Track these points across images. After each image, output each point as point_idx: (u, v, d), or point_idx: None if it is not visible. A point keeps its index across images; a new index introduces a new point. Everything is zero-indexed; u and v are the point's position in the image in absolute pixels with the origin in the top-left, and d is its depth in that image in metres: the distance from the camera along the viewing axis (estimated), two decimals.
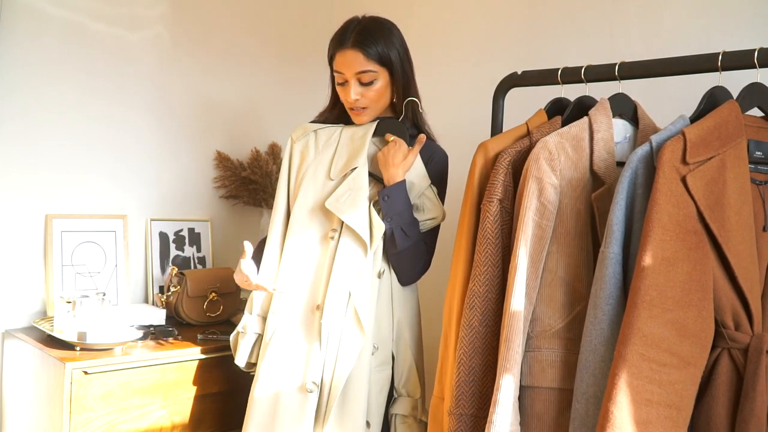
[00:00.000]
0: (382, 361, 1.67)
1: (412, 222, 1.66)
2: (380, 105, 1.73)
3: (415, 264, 1.70)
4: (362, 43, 1.65)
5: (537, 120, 1.54)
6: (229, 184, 2.49)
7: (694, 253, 1.17)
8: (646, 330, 1.14)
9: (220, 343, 1.92)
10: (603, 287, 1.24)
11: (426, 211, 1.71)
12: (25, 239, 2.07)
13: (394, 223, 1.64)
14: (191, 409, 1.87)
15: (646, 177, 1.25)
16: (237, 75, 2.55)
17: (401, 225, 1.64)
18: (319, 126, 1.79)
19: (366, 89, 1.68)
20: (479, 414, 1.40)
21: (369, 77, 1.66)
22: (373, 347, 1.65)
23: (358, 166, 1.67)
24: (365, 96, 1.68)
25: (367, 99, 1.69)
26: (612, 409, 1.12)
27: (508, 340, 1.31)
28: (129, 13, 2.26)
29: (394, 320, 1.70)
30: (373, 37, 1.66)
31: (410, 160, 1.68)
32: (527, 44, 2.18)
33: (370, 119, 1.74)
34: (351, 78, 1.67)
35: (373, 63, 1.66)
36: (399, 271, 1.70)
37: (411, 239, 1.66)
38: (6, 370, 2.01)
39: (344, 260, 1.63)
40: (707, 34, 1.77)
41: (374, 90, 1.68)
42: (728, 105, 1.26)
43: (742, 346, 1.19)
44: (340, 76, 1.69)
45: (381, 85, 1.69)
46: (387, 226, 1.64)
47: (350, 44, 1.65)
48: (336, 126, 1.78)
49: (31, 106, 2.07)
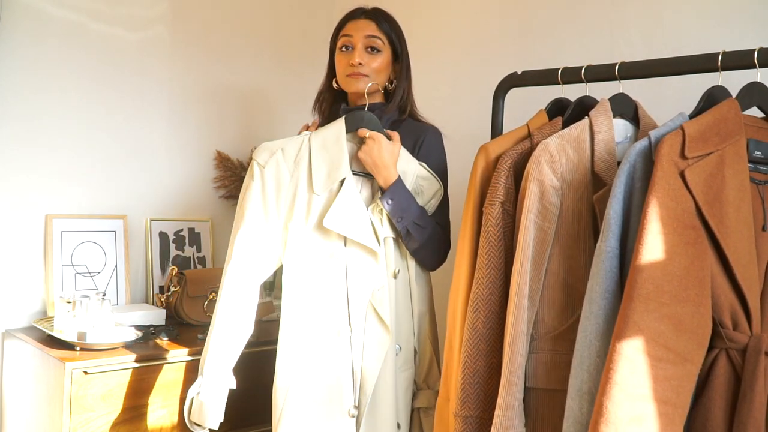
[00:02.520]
0: (405, 360, 1.66)
1: (421, 212, 1.64)
2: (379, 80, 1.73)
3: (439, 248, 1.70)
4: (376, 16, 1.74)
5: (538, 121, 1.54)
6: (229, 184, 2.49)
7: (691, 248, 1.16)
8: (642, 324, 1.12)
9: None
10: (599, 281, 1.23)
11: (425, 192, 1.69)
12: (25, 239, 2.07)
13: (406, 221, 1.61)
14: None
15: (645, 171, 1.24)
16: (237, 75, 2.55)
17: (413, 220, 1.62)
18: (282, 142, 1.65)
19: (371, 58, 1.71)
20: (484, 416, 1.40)
21: (377, 44, 1.71)
22: (397, 348, 1.63)
23: (345, 176, 1.60)
24: (368, 64, 1.71)
25: (369, 68, 1.71)
26: (606, 403, 1.10)
27: (512, 343, 1.31)
28: (129, 14, 2.26)
29: (414, 315, 1.68)
30: (386, 17, 1.76)
31: (396, 151, 1.63)
32: (527, 44, 2.18)
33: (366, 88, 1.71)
34: (358, 42, 1.70)
35: (383, 35, 1.73)
36: (424, 261, 1.69)
37: (427, 228, 1.64)
38: (6, 370, 2.01)
39: (358, 275, 1.59)
40: (707, 34, 1.77)
41: (378, 60, 1.72)
42: (728, 102, 1.26)
43: (740, 347, 1.18)
44: (347, 39, 1.72)
45: (384, 60, 1.73)
46: (401, 225, 1.61)
47: (364, 15, 1.74)
48: (299, 136, 1.69)
49: (31, 106, 2.07)
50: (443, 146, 1.78)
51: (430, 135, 1.75)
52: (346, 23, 1.75)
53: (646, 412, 1.11)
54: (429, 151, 1.73)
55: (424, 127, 1.77)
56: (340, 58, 1.74)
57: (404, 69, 1.77)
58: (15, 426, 1.93)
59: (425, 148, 1.73)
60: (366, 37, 1.71)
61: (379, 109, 1.74)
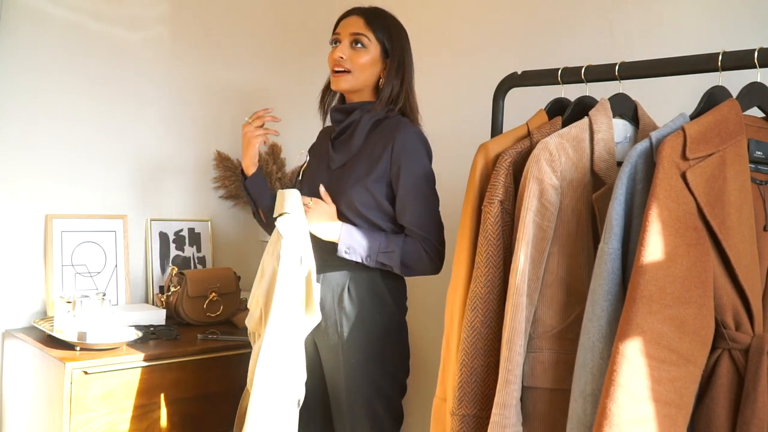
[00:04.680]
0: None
1: (381, 241, 1.66)
2: (363, 77, 1.74)
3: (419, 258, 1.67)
4: (367, 14, 1.75)
5: (537, 120, 1.54)
6: (229, 184, 2.49)
7: (693, 250, 1.16)
8: (645, 326, 1.12)
9: (220, 343, 1.92)
10: (602, 283, 1.23)
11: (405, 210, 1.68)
12: (25, 239, 2.07)
13: (374, 257, 1.66)
14: (191, 409, 1.87)
15: (646, 172, 1.24)
16: (237, 75, 2.55)
17: (379, 251, 1.66)
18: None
19: (355, 53, 1.72)
20: (481, 415, 1.40)
21: (362, 40, 1.72)
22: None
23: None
24: (351, 59, 1.72)
25: (351, 63, 1.72)
26: (610, 405, 1.11)
27: (510, 341, 1.31)
28: (129, 14, 2.26)
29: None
30: (379, 16, 1.76)
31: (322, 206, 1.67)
32: (527, 44, 2.17)
33: (349, 87, 1.73)
34: (345, 38, 1.73)
35: (370, 32, 1.73)
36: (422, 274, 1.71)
37: (395, 251, 1.66)
38: (6, 370, 2.01)
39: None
40: (707, 34, 1.77)
41: (362, 56, 1.72)
42: (728, 103, 1.26)
43: (742, 347, 1.18)
44: (336, 36, 1.76)
45: (370, 57, 1.73)
46: (372, 263, 1.66)
47: (356, 12, 1.76)
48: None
49: (32, 106, 2.07)
50: (420, 146, 1.71)
51: (401, 138, 1.68)
52: (340, 21, 1.78)
53: (649, 414, 1.11)
54: (405, 155, 1.67)
55: (399, 128, 1.70)
56: (329, 54, 1.77)
57: (395, 67, 1.75)
58: (15, 426, 1.93)
59: (399, 154, 1.67)
60: (352, 33, 1.73)
61: (360, 108, 1.75)
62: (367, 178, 1.68)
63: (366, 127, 1.74)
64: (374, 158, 1.69)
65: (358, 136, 1.74)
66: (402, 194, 1.67)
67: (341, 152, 1.77)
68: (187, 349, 1.86)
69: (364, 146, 1.74)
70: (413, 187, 1.67)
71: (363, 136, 1.74)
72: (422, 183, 1.69)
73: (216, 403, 1.92)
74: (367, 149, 1.73)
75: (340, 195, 1.71)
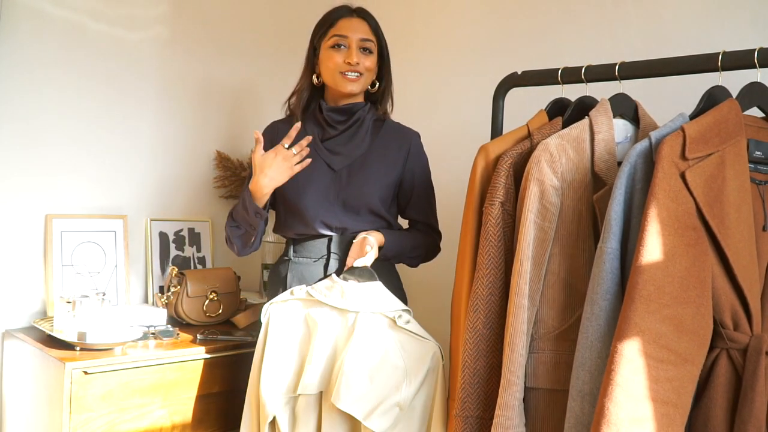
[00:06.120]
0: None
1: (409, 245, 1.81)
2: (368, 80, 1.80)
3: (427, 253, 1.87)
4: (367, 17, 1.80)
5: (538, 121, 1.54)
6: (229, 184, 2.49)
7: (692, 249, 1.16)
8: (644, 325, 1.13)
9: (220, 343, 1.92)
10: (600, 283, 1.24)
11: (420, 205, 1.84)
12: (25, 239, 2.06)
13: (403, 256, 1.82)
14: (191, 409, 1.87)
15: (645, 172, 1.25)
16: (237, 75, 2.55)
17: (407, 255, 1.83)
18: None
19: (365, 58, 1.76)
20: (485, 416, 1.40)
21: (370, 46, 1.78)
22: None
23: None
24: (363, 64, 1.76)
25: (363, 67, 1.76)
26: (608, 405, 1.11)
27: (512, 343, 1.31)
28: (129, 14, 2.26)
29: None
30: (372, 17, 1.82)
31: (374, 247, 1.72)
32: (527, 44, 2.17)
33: (361, 89, 1.79)
34: (353, 43, 1.75)
35: (375, 37, 1.80)
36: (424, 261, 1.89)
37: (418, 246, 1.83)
38: (6, 370, 2.01)
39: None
40: (707, 34, 1.77)
41: (371, 60, 1.78)
42: (728, 103, 1.26)
43: (740, 347, 1.18)
44: (342, 39, 1.76)
45: (374, 61, 1.80)
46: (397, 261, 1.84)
47: (357, 15, 1.80)
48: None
49: (32, 106, 2.07)
50: (424, 149, 1.89)
51: (416, 142, 1.85)
52: (338, 21, 1.78)
53: (647, 413, 1.11)
54: (419, 159, 1.85)
55: (410, 133, 1.86)
56: (331, 54, 1.76)
57: (387, 68, 1.84)
58: (15, 426, 1.93)
59: (415, 157, 1.84)
60: (361, 39, 1.76)
61: (362, 110, 1.80)
62: (386, 178, 1.79)
63: (368, 127, 1.81)
64: (389, 160, 1.80)
65: (361, 135, 1.80)
66: (417, 192, 1.85)
67: (341, 152, 1.79)
68: (187, 350, 1.86)
69: (372, 146, 1.80)
70: (425, 187, 1.87)
71: (368, 136, 1.80)
72: (429, 182, 1.89)
73: (216, 403, 1.92)
74: (377, 150, 1.80)
75: (357, 194, 1.76)
